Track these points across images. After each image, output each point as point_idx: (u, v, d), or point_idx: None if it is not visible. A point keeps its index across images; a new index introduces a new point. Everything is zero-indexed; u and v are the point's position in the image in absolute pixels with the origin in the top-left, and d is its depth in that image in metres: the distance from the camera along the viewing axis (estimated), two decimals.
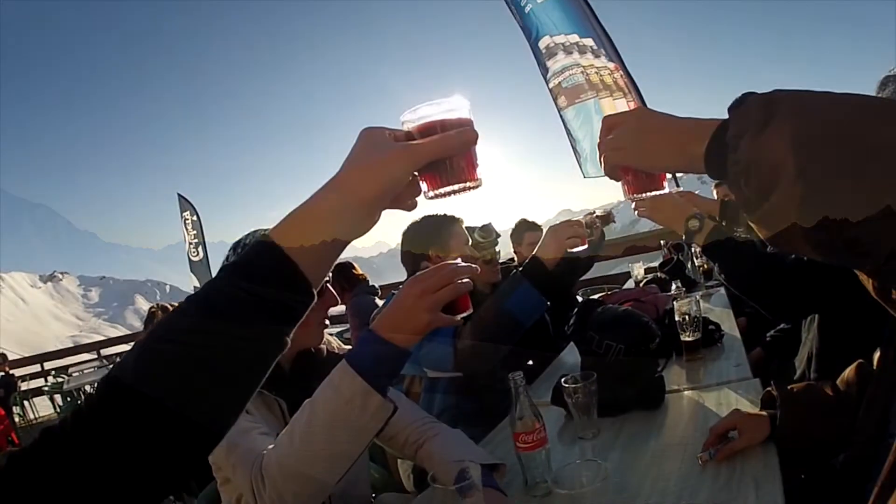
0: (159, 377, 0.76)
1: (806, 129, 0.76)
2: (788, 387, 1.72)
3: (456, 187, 0.94)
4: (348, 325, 5.82)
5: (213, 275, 0.89)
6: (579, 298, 4.34)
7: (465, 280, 1.31)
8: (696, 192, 2.97)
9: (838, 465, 1.62)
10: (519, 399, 1.64)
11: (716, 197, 2.41)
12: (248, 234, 1.83)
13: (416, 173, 0.92)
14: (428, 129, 0.93)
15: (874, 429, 1.47)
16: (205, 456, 0.84)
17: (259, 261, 0.84)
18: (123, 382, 0.76)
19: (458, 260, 1.31)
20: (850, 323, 2.06)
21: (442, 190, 0.94)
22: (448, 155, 0.91)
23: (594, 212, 2.49)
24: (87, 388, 9.42)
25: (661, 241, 4.91)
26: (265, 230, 1.85)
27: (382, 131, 0.92)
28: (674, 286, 3.33)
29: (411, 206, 0.98)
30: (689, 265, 4.40)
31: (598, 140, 1.14)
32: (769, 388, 1.75)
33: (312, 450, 1.35)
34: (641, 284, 4.52)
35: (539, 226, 4.85)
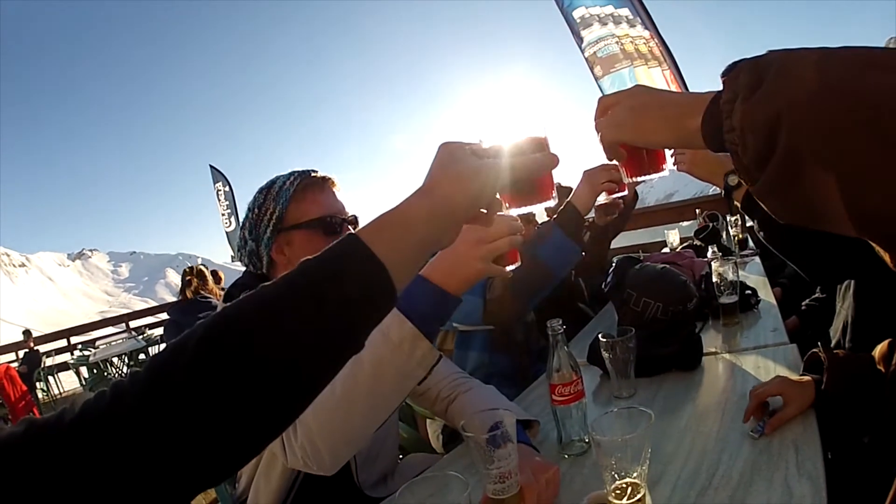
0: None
1: (796, 88, 0.72)
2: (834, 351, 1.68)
3: (535, 206, 1.05)
4: None
5: None
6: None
7: (518, 233, 1.29)
8: None
9: (866, 444, 1.60)
10: (557, 349, 1.61)
11: None
12: (279, 179, 1.82)
13: None
14: (512, 150, 0.99)
15: None
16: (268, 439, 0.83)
17: (348, 263, 0.82)
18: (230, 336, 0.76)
19: (512, 212, 1.30)
20: (887, 291, 2.01)
21: (523, 208, 1.05)
22: (533, 176, 1.00)
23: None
24: (115, 359, 9.37)
25: (697, 210, 4.84)
26: (284, 177, 1.82)
27: (462, 146, 0.94)
28: (710, 251, 3.27)
29: (490, 223, 1.01)
30: (724, 234, 4.33)
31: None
32: (815, 350, 1.70)
33: (354, 396, 1.33)
34: (677, 250, 4.45)
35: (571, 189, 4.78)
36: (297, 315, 0.77)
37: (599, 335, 1.94)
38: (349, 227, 1.82)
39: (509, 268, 1.32)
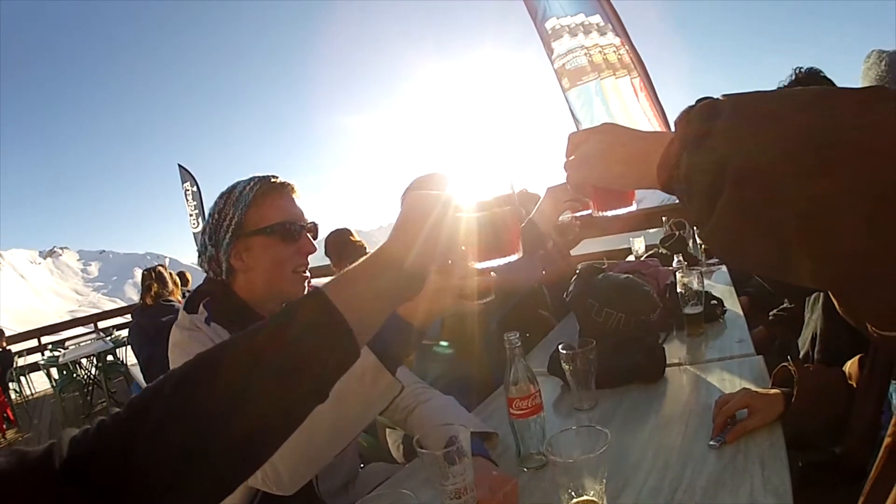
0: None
1: (738, 144, 0.71)
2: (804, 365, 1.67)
3: (500, 261, 1.07)
4: None
5: None
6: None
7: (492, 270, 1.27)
8: None
9: (837, 455, 1.60)
10: (514, 362, 1.58)
11: None
12: (239, 183, 1.81)
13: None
14: (479, 205, 1.04)
15: (867, 423, 1.48)
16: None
17: (311, 317, 0.87)
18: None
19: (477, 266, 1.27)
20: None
21: (487, 262, 1.07)
22: (499, 231, 1.05)
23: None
24: (84, 360, 9.30)
25: (664, 218, 4.83)
26: (244, 182, 1.81)
27: (428, 196, 0.99)
28: (675, 260, 3.25)
29: (456, 274, 1.13)
30: (690, 242, 4.33)
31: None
32: (785, 364, 1.71)
33: (315, 423, 1.32)
34: (642, 259, 4.44)
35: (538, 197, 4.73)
36: (263, 364, 0.83)
37: (560, 346, 1.92)
38: (308, 233, 1.82)
39: (479, 301, 1.31)
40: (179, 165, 14.89)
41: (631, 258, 5.11)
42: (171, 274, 8.43)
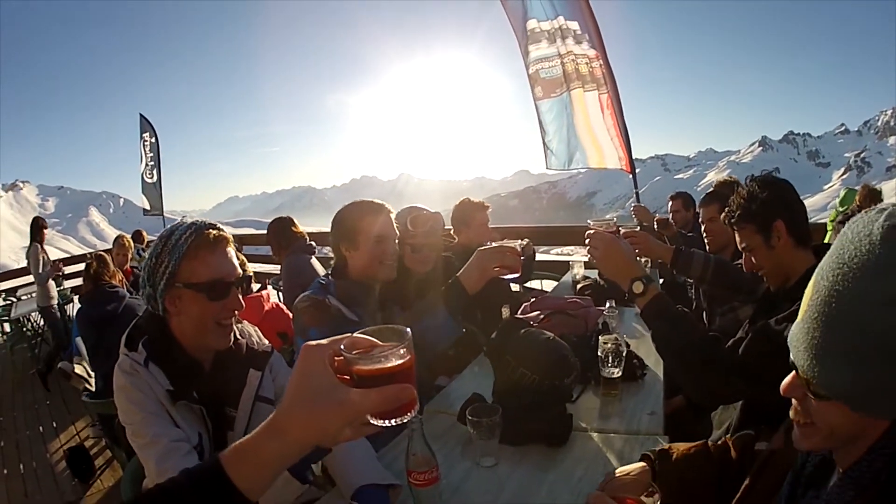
0: None
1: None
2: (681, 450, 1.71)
3: (394, 422, 0.95)
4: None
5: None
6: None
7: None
8: (651, 236, 2.96)
9: None
10: (413, 437, 1.66)
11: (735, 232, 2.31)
12: (177, 230, 1.88)
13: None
14: (368, 378, 0.93)
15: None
16: None
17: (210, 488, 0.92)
18: None
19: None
20: (776, 409, 2.05)
21: (379, 422, 0.95)
22: (385, 410, 0.94)
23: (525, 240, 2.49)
24: (33, 314, 9.19)
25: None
26: (181, 230, 1.85)
27: (322, 362, 0.93)
28: (608, 304, 3.20)
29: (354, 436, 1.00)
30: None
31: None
32: (664, 448, 1.73)
33: None
34: (578, 286, 4.51)
35: (486, 207, 4.70)
36: None
37: (467, 411, 1.98)
38: (237, 289, 1.90)
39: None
40: (141, 115, 14.82)
41: (568, 278, 5.17)
42: (135, 234, 8.40)
